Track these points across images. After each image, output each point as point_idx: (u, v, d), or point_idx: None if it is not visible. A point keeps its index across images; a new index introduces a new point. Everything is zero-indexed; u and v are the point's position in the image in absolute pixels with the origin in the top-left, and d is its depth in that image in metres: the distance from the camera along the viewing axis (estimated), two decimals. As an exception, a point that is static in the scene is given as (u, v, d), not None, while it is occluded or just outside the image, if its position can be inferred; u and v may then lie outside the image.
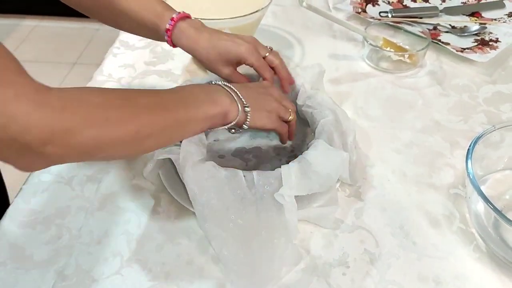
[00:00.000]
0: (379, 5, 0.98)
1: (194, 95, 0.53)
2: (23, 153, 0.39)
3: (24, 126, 0.37)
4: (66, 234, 0.56)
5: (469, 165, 0.53)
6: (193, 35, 0.62)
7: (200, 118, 0.52)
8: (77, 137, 0.41)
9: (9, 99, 0.36)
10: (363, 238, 0.56)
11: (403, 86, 0.79)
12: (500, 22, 0.91)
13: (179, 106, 0.51)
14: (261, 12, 0.78)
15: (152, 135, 0.48)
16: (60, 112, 0.39)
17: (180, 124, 0.51)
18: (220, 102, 0.54)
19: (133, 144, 0.47)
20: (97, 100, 0.44)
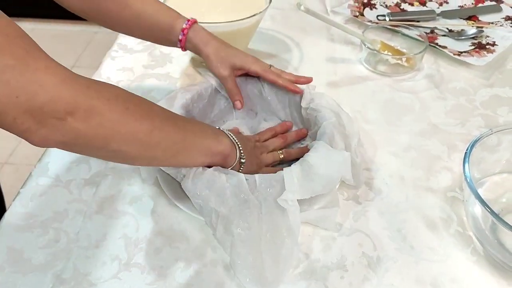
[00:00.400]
0: (376, 8, 0.99)
1: (201, 127, 0.56)
2: (45, 123, 0.40)
3: (52, 95, 0.39)
4: (64, 237, 0.56)
5: (466, 168, 0.53)
6: (207, 36, 0.68)
7: (204, 149, 0.53)
8: (98, 117, 0.42)
9: (40, 69, 0.39)
10: (361, 241, 0.56)
11: (401, 90, 0.79)
12: (497, 26, 0.92)
13: (188, 128, 0.53)
14: (259, 15, 0.78)
15: (161, 144, 0.49)
16: (86, 89, 0.42)
17: (186, 146, 0.52)
18: (224, 143, 0.55)
19: (144, 145, 0.47)
20: (118, 91, 0.46)
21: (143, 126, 0.46)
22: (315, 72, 0.82)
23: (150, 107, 0.49)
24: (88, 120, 0.42)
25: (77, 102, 0.41)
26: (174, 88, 0.79)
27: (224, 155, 0.55)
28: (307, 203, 0.55)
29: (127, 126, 0.45)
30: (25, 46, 0.39)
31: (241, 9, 0.79)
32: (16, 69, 0.38)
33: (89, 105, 0.42)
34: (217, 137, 0.55)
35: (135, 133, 0.46)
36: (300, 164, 0.54)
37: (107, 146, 0.45)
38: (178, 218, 0.58)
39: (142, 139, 0.47)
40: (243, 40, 0.84)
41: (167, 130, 0.49)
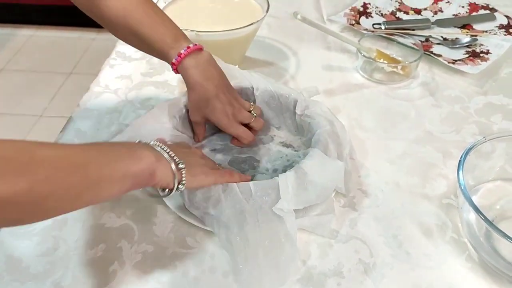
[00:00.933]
0: (372, 17, 1.00)
1: (113, 150, 0.47)
2: None
3: None
4: (63, 245, 0.56)
5: (460, 176, 0.54)
6: (194, 78, 0.63)
7: (118, 176, 0.45)
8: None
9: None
10: (358, 248, 0.56)
11: (397, 97, 0.80)
12: (490, 34, 0.93)
13: (92, 161, 0.43)
14: (256, 24, 0.79)
15: (51, 195, 0.40)
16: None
17: (91, 183, 0.43)
18: (144, 158, 0.47)
19: (28, 205, 0.38)
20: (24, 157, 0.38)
21: (19, 186, 0.37)
22: (311, 80, 0.84)
23: (31, 156, 0.39)
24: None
25: None
26: (172, 96, 0.80)
27: (148, 171, 0.47)
28: (302, 210, 0.55)
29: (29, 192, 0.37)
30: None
31: (238, 18, 0.80)
32: None
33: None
34: (134, 155, 0.47)
35: (10, 197, 0.37)
36: (295, 171, 0.55)
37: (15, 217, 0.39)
38: (178, 225, 0.58)
39: (23, 201, 0.38)
40: (240, 48, 0.85)
41: (56, 178, 0.40)
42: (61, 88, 2.05)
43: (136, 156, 0.47)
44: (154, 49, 0.64)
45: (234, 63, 0.86)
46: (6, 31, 2.40)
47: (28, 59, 2.22)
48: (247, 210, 0.53)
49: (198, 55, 0.63)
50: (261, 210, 0.53)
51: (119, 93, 0.81)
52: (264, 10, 0.81)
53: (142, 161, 0.47)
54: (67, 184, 0.41)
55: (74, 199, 0.42)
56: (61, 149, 0.43)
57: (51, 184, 0.39)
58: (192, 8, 0.85)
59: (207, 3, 0.86)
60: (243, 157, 0.67)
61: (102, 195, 0.45)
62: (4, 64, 2.17)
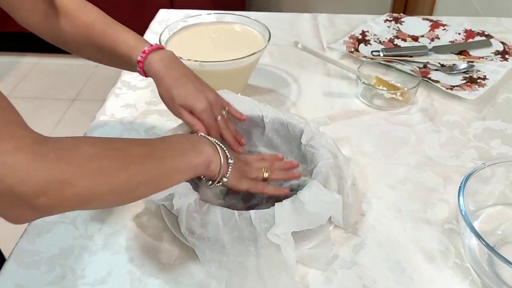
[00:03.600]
0: (371, 44, 1.03)
1: (179, 145, 0.55)
2: (16, 204, 0.39)
3: (21, 177, 0.38)
4: (70, 274, 0.57)
5: (461, 201, 0.55)
6: (161, 70, 0.65)
7: (185, 167, 0.54)
8: (71, 188, 0.41)
9: (9, 151, 0.38)
10: (361, 274, 0.57)
11: (396, 123, 0.82)
12: (487, 60, 0.95)
13: (166, 155, 0.52)
14: (258, 53, 0.81)
15: (142, 184, 0.48)
16: (56, 163, 0.40)
17: (167, 173, 0.52)
18: (204, 152, 0.56)
19: (124, 193, 0.47)
20: (91, 150, 0.44)
21: (120, 179, 0.45)
22: (312, 106, 0.86)
23: (125, 153, 0.48)
24: (60, 194, 0.40)
25: (47, 181, 0.39)
26: (176, 124, 0.81)
27: (206, 163, 0.55)
28: (297, 241, 0.55)
29: (102, 186, 0.44)
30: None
31: (241, 48, 0.82)
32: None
33: (59, 180, 0.40)
34: (197, 148, 0.55)
35: (112, 188, 0.45)
36: (292, 201, 0.56)
37: (86, 207, 0.45)
38: (182, 253, 0.59)
39: (120, 190, 0.46)
40: (243, 76, 0.87)
41: (145, 170, 0.49)
42: (65, 115, 2.07)
43: (198, 150, 0.55)
44: (119, 55, 0.66)
45: (236, 91, 0.88)
46: (10, 59, 2.44)
47: (32, 86, 2.25)
48: (246, 237, 0.54)
49: (161, 51, 0.66)
50: (260, 237, 0.54)
51: (125, 122, 0.82)
52: (266, 40, 0.84)
53: (202, 154, 0.55)
54: (152, 175, 0.49)
55: (156, 186, 0.51)
56: (146, 146, 0.52)
57: (142, 176, 0.48)
58: (195, 39, 0.87)
59: (210, 34, 0.89)
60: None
61: (174, 182, 0.53)
62: (9, 91, 2.21)
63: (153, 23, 1.14)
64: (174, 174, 0.53)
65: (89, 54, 0.69)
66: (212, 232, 0.55)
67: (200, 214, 0.55)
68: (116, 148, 0.47)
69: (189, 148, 0.55)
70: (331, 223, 0.60)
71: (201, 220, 0.55)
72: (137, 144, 0.51)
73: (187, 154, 0.54)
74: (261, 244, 0.54)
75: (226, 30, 0.90)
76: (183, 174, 0.54)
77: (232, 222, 0.54)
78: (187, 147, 0.55)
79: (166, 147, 0.54)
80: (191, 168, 0.54)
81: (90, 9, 0.67)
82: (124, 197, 0.48)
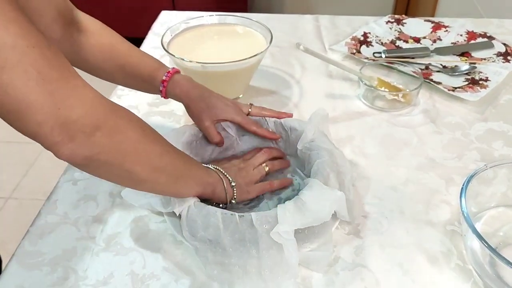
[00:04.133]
0: (372, 46, 1.03)
1: (194, 160, 0.61)
2: (76, 136, 0.42)
3: (87, 110, 0.43)
4: (72, 275, 0.57)
5: (463, 203, 0.55)
6: (186, 86, 0.70)
7: (198, 179, 0.58)
8: (122, 134, 0.47)
9: (79, 85, 0.43)
10: (364, 276, 0.57)
11: (398, 125, 0.82)
12: (489, 62, 0.95)
13: (186, 158, 0.58)
14: (260, 55, 0.81)
15: (168, 167, 0.53)
16: (114, 107, 0.47)
17: (185, 174, 0.56)
18: (212, 176, 0.60)
19: (154, 166, 0.51)
20: (136, 116, 0.50)
21: (156, 148, 0.51)
22: (314, 108, 0.85)
23: (159, 134, 0.54)
24: (112, 136, 0.46)
25: (105, 119, 0.45)
26: (178, 125, 0.82)
27: (213, 186, 0.59)
28: (299, 243, 0.55)
29: (143, 146, 0.49)
30: (64, 63, 0.43)
31: (243, 49, 0.82)
32: (60, 82, 0.41)
33: (115, 123, 0.46)
34: (207, 170, 0.60)
35: (148, 153, 0.50)
36: (294, 201, 0.56)
37: (123, 164, 0.48)
38: (184, 254, 0.59)
39: (154, 160, 0.51)
40: (245, 78, 0.87)
41: (173, 156, 0.54)
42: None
43: (209, 172, 0.60)
44: (142, 75, 0.69)
45: (238, 92, 0.88)
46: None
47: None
48: (247, 239, 0.54)
49: (182, 74, 0.72)
50: (262, 239, 0.54)
51: (127, 123, 0.82)
52: (268, 41, 0.84)
53: (211, 177, 0.60)
54: (176, 164, 0.54)
55: (175, 181, 0.55)
56: (170, 146, 0.55)
57: (170, 158, 0.54)
58: (197, 40, 0.87)
59: (212, 35, 0.89)
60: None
61: (186, 190, 0.57)
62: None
63: (155, 25, 1.14)
64: (190, 180, 0.57)
65: (107, 72, 0.71)
66: (213, 235, 0.55)
67: (201, 217, 0.55)
68: (151, 127, 0.52)
69: (200, 167, 0.60)
70: (333, 224, 0.60)
71: (202, 223, 0.55)
72: (164, 143, 0.55)
73: (200, 169, 0.59)
74: (262, 246, 0.54)
75: (228, 31, 0.90)
76: (195, 184, 0.57)
77: (233, 225, 0.54)
78: (199, 166, 0.60)
79: (184, 154, 0.59)
80: (202, 183, 0.58)
81: (113, 32, 0.70)
82: (152, 172, 0.51)
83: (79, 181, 0.70)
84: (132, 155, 0.48)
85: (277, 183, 0.66)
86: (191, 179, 0.57)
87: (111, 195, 0.68)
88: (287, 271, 0.53)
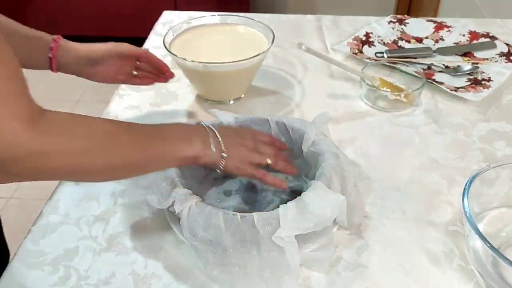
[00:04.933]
0: (375, 46, 1.02)
1: (173, 136, 0.57)
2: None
3: (7, 143, 0.41)
4: (74, 275, 0.57)
5: (465, 203, 0.55)
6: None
7: (173, 158, 0.56)
8: (51, 162, 0.45)
9: (3, 118, 0.41)
10: (365, 276, 0.57)
11: (400, 125, 0.82)
12: (491, 62, 0.95)
13: (155, 144, 0.55)
14: (262, 55, 0.81)
15: (125, 167, 0.53)
16: (44, 135, 0.44)
17: (153, 160, 0.55)
18: (194, 147, 0.57)
19: (103, 173, 0.51)
20: (82, 130, 0.48)
21: (103, 162, 0.49)
22: (316, 108, 0.85)
23: (115, 138, 0.51)
24: (41, 164, 0.44)
25: (30, 149, 0.43)
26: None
27: (194, 157, 0.57)
28: (300, 244, 0.55)
29: (83, 165, 0.48)
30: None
31: (244, 49, 0.82)
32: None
33: (41, 152, 0.44)
34: (189, 141, 0.57)
35: (93, 169, 0.49)
36: (296, 202, 0.56)
37: (64, 179, 0.50)
38: (186, 255, 0.59)
39: (102, 171, 0.50)
40: (247, 78, 0.87)
41: (131, 157, 0.52)
42: (69, 116, 2.08)
43: (189, 144, 0.57)
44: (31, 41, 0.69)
45: (240, 92, 0.88)
46: (15, 60, 2.45)
47: (37, 88, 2.26)
48: (249, 240, 0.54)
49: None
50: (263, 240, 0.54)
51: (129, 123, 0.83)
52: (270, 41, 0.84)
53: (191, 149, 0.57)
54: (137, 161, 0.53)
55: (141, 171, 0.56)
56: (138, 133, 0.54)
57: (126, 161, 0.52)
58: (199, 40, 0.87)
59: (214, 35, 0.89)
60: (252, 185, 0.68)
61: (160, 168, 0.58)
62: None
63: (157, 25, 1.14)
64: (160, 163, 0.57)
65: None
66: (214, 235, 0.55)
67: (202, 217, 0.55)
68: (107, 131, 0.51)
69: (181, 141, 0.57)
70: (334, 225, 0.60)
71: (203, 223, 0.55)
72: (129, 130, 0.54)
73: (177, 147, 0.56)
74: (264, 247, 0.54)
75: (230, 31, 0.90)
76: (169, 163, 0.58)
77: (235, 225, 0.54)
78: (180, 139, 0.57)
79: (158, 136, 0.56)
80: (177, 159, 0.57)
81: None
82: (104, 177, 0.53)
83: (81, 181, 0.70)
84: (71, 175, 0.49)
85: (271, 179, 0.62)
86: (163, 160, 0.56)
87: (113, 195, 0.68)
88: (288, 273, 0.53)
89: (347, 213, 0.57)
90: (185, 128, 0.61)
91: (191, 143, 0.57)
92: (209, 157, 0.58)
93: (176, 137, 0.57)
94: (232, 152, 0.60)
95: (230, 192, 0.67)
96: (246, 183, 0.68)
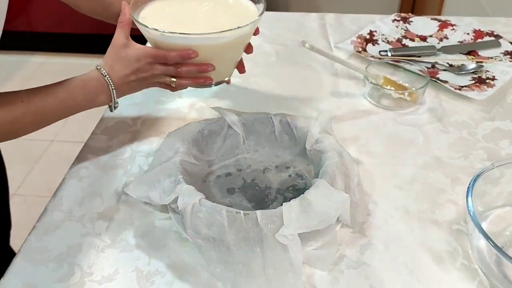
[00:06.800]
0: (378, 44, 1.02)
1: (75, 102, 0.68)
2: None
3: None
4: (78, 271, 0.57)
5: (469, 202, 0.54)
6: None
7: (72, 113, 0.69)
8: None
9: None
10: (368, 274, 0.57)
11: (404, 123, 0.81)
12: (496, 61, 0.94)
13: (55, 113, 0.68)
14: (250, 27, 0.67)
15: (35, 124, 0.67)
16: None
17: (53, 118, 0.68)
18: (87, 93, 0.68)
19: (4, 135, 0.63)
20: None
21: (6, 128, 0.62)
22: (320, 106, 0.86)
23: (12, 111, 0.66)
24: None
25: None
26: (184, 123, 0.81)
27: (89, 102, 0.69)
28: (303, 242, 0.55)
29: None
30: None
31: (230, 21, 0.68)
32: None
33: None
34: (91, 101, 0.69)
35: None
36: (299, 200, 0.56)
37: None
38: (189, 252, 0.59)
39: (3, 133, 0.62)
40: (226, 57, 0.74)
41: (28, 124, 0.66)
42: (72, 113, 2.09)
43: (92, 102, 0.69)
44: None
45: (227, 70, 0.76)
46: (18, 58, 2.45)
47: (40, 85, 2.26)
48: (252, 237, 0.54)
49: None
50: (266, 238, 0.54)
51: (132, 120, 0.83)
52: (258, 14, 0.70)
53: (94, 104, 0.69)
54: (32, 127, 0.66)
55: (45, 121, 0.68)
56: (46, 98, 0.71)
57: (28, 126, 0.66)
58: (181, 9, 0.75)
59: (195, 3, 0.76)
60: (256, 182, 0.68)
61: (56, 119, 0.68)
62: (17, 89, 2.22)
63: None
64: (60, 116, 0.68)
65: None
66: (217, 233, 0.55)
67: (205, 214, 0.55)
68: (9, 103, 0.68)
69: (82, 104, 0.69)
70: (338, 223, 0.60)
71: (206, 221, 0.55)
72: (39, 96, 0.70)
73: (79, 108, 0.69)
74: (267, 245, 0.54)
75: (217, 1, 0.76)
76: (69, 113, 0.69)
77: (238, 223, 0.54)
78: (81, 103, 0.69)
79: (60, 106, 0.68)
80: (78, 110, 0.69)
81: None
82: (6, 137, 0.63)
83: (85, 177, 0.71)
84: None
85: (176, 54, 0.67)
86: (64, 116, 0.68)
87: (116, 192, 0.68)
88: (291, 271, 0.53)
89: (351, 211, 0.57)
90: (85, 90, 0.69)
91: (94, 101, 0.69)
92: (104, 97, 0.69)
93: (78, 103, 0.68)
94: (121, 87, 0.70)
95: (233, 190, 0.67)
96: (249, 181, 0.68)
